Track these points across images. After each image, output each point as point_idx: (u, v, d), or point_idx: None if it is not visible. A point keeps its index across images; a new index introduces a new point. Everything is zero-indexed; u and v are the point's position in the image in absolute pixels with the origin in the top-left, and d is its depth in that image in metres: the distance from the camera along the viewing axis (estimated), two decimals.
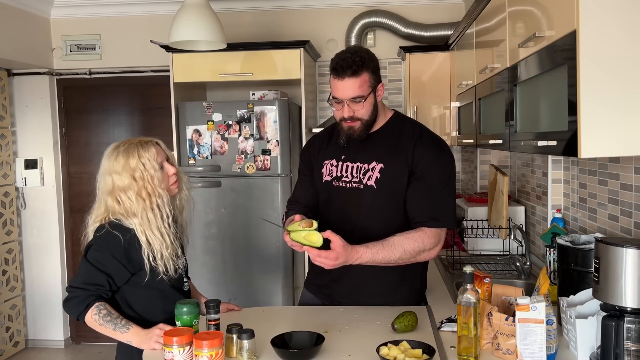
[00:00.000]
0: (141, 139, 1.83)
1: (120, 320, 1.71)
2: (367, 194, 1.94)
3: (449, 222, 1.90)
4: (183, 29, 3.01)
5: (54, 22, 4.39)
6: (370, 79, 1.87)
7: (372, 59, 1.89)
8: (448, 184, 1.90)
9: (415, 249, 1.84)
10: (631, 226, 1.83)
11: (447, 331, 1.75)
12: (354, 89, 1.84)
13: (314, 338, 1.64)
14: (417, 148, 1.90)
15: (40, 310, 4.49)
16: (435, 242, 1.87)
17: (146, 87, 4.39)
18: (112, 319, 1.71)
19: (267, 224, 3.61)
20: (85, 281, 1.73)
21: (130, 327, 1.71)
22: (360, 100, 1.85)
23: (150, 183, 1.78)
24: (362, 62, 1.84)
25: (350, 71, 1.82)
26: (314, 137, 2.17)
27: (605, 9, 1.33)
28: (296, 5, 4.23)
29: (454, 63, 3.54)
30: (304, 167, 2.14)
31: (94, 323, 1.71)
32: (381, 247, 1.80)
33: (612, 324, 1.36)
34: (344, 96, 1.86)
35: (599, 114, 1.35)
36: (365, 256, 1.78)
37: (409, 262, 1.86)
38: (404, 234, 1.84)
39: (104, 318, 1.70)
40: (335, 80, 1.86)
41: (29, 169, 4.38)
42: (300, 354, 1.59)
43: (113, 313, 1.72)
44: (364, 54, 1.86)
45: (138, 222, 1.76)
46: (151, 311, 1.82)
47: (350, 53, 1.85)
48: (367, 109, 1.88)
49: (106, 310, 1.72)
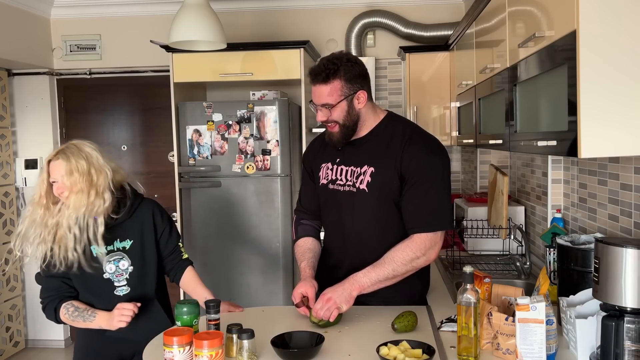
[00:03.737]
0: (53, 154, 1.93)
1: (87, 311, 1.93)
2: (360, 197, 1.94)
3: (442, 225, 1.89)
4: (183, 29, 3.02)
5: (54, 22, 4.39)
6: (343, 88, 1.87)
7: (351, 69, 1.87)
8: (440, 185, 1.88)
9: (405, 258, 1.85)
10: (631, 226, 1.83)
11: (447, 331, 1.75)
12: (324, 96, 1.88)
13: (314, 338, 1.64)
14: (405, 151, 1.89)
15: (40, 310, 4.41)
16: (428, 246, 1.87)
17: (146, 87, 4.39)
18: (80, 313, 1.93)
19: (267, 223, 3.61)
20: (44, 290, 1.99)
21: (96, 314, 1.92)
22: (329, 107, 1.88)
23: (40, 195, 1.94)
24: (335, 70, 1.85)
25: (321, 78, 1.86)
26: (314, 140, 2.19)
27: (605, 9, 1.33)
28: (296, 5, 4.23)
29: (454, 63, 3.54)
30: (306, 172, 2.17)
31: (68, 320, 1.94)
32: (372, 267, 1.87)
33: (612, 324, 1.36)
34: (316, 101, 1.91)
35: (599, 114, 1.35)
36: (358, 277, 1.86)
37: (408, 271, 1.88)
38: (394, 247, 1.88)
39: (73, 314, 1.93)
40: (311, 85, 1.92)
41: (29, 169, 4.38)
42: (300, 354, 1.59)
43: (80, 307, 1.94)
44: (342, 62, 1.87)
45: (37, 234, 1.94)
46: (86, 299, 2.00)
47: (327, 60, 1.88)
48: (338, 114, 1.90)
49: (73, 307, 1.94)
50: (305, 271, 2.00)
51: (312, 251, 2.08)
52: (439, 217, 1.88)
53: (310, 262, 2.03)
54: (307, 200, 2.16)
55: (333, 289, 1.84)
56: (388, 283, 1.88)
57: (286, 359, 1.58)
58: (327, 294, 1.82)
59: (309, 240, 2.12)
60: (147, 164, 4.46)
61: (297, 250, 2.11)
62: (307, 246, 2.10)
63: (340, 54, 1.92)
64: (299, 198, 2.21)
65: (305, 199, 2.17)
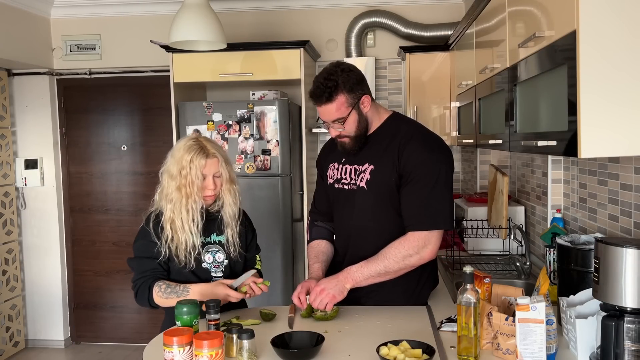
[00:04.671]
0: (206, 146, 1.92)
1: (179, 287, 1.87)
2: (359, 195, 1.97)
3: (436, 224, 1.89)
4: (183, 29, 3.02)
5: (54, 22, 4.39)
6: (348, 99, 1.89)
7: (348, 78, 1.89)
8: (438, 184, 1.88)
9: (397, 255, 1.87)
10: (631, 226, 1.83)
11: (447, 331, 1.75)
12: (332, 113, 1.91)
13: (314, 338, 1.64)
14: (404, 148, 1.90)
15: (40, 310, 4.49)
16: (421, 245, 1.87)
17: (146, 87, 4.39)
18: (172, 289, 1.87)
19: (267, 223, 3.61)
20: (139, 272, 1.92)
21: (189, 289, 1.87)
22: (341, 121, 1.91)
23: (189, 186, 1.89)
24: (335, 87, 1.87)
25: (324, 98, 1.88)
26: (326, 143, 2.24)
27: (605, 8, 1.33)
28: (296, 5, 4.23)
29: (454, 63, 3.54)
30: (318, 173, 2.23)
31: (161, 300, 1.88)
32: (366, 262, 1.90)
33: (612, 324, 1.36)
34: (325, 120, 1.94)
35: (599, 114, 1.35)
36: (351, 271, 1.89)
37: (401, 269, 1.89)
38: (389, 244, 1.90)
39: (165, 291, 1.87)
40: (316, 106, 1.94)
41: (29, 169, 4.38)
42: (300, 354, 1.59)
43: (171, 284, 1.89)
44: (338, 75, 1.88)
45: (170, 209, 1.90)
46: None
47: (323, 78, 1.89)
48: (351, 126, 1.93)
49: (165, 284, 1.88)
50: (317, 273, 2.03)
51: (325, 254, 2.12)
52: (434, 216, 1.88)
53: (323, 265, 2.07)
54: (320, 202, 2.21)
55: (327, 280, 1.88)
56: (382, 279, 1.90)
57: (286, 359, 1.58)
58: (321, 285, 1.86)
59: (322, 242, 2.15)
60: (147, 164, 4.46)
61: (310, 252, 2.14)
62: (320, 249, 2.13)
63: (332, 67, 1.93)
64: (314, 201, 2.26)
65: (319, 201, 2.22)
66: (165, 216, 1.91)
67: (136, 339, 4.43)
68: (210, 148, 1.93)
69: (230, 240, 2.00)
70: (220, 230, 2.01)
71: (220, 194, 1.98)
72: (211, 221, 2.00)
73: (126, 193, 4.47)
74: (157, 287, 1.88)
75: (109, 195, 4.48)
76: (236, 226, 2.02)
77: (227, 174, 1.97)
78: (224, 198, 1.99)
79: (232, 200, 2.00)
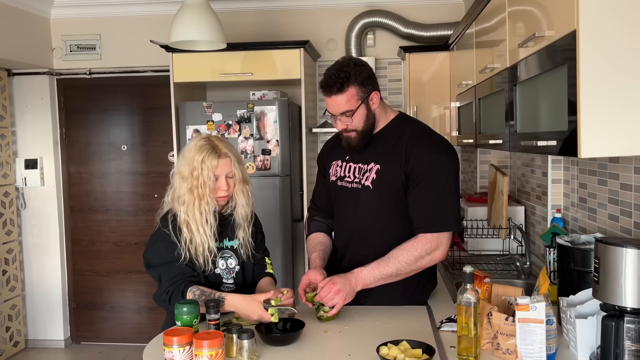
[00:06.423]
0: (218, 146, 1.88)
1: (214, 295, 1.78)
2: (364, 194, 1.97)
3: (447, 225, 1.89)
4: (183, 29, 3.02)
5: (54, 22, 4.39)
6: (359, 92, 1.89)
7: (360, 72, 1.89)
8: (446, 185, 1.88)
9: (409, 257, 1.86)
10: (631, 226, 1.83)
11: (447, 331, 1.75)
12: (342, 105, 1.89)
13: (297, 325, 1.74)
14: (412, 149, 1.90)
15: (40, 310, 4.49)
16: (433, 247, 1.87)
17: (146, 87, 4.39)
18: (207, 296, 1.77)
19: (267, 223, 3.60)
20: (169, 279, 1.82)
21: (225, 297, 1.77)
22: (350, 114, 1.90)
23: (202, 188, 1.84)
24: (347, 78, 1.86)
25: (335, 88, 1.87)
26: (328, 140, 2.24)
27: (605, 8, 1.33)
28: (296, 5, 4.23)
29: (454, 63, 3.54)
30: (319, 170, 2.22)
31: None
32: (376, 264, 1.88)
33: (612, 323, 1.36)
34: (334, 112, 1.93)
35: (599, 114, 1.35)
36: (363, 274, 1.87)
37: (412, 270, 1.89)
38: (399, 246, 1.89)
39: (200, 298, 1.77)
40: (325, 97, 1.93)
41: (29, 169, 4.38)
42: (281, 338, 1.69)
43: (206, 291, 1.80)
44: (351, 68, 1.88)
45: (184, 211, 1.84)
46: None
47: (336, 69, 1.89)
48: (359, 120, 1.92)
49: (199, 290, 1.79)
50: (315, 261, 2.02)
51: (323, 244, 2.11)
52: (444, 218, 1.88)
53: (321, 254, 2.06)
54: (320, 199, 2.20)
55: (342, 281, 1.83)
56: (391, 280, 1.90)
57: (268, 343, 1.67)
58: (337, 284, 1.82)
59: (320, 235, 2.15)
60: (147, 163, 4.46)
61: (309, 243, 2.15)
62: (318, 240, 2.13)
63: (346, 60, 1.93)
64: (313, 197, 2.26)
65: (319, 198, 2.21)
66: (180, 218, 1.86)
67: (136, 339, 4.43)
68: (222, 148, 1.88)
69: (242, 242, 1.97)
70: (233, 234, 1.98)
71: (233, 195, 1.94)
72: (224, 225, 1.96)
73: (126, 193, 4.47)
74: (191, 293, 1.79)
75: (108, 195, 4.48)
76: (248, 227, 1.99)
77: (240, 174, 1.93)
78: (237, 199, 1.95)
79: (245, 201, 1.96)
